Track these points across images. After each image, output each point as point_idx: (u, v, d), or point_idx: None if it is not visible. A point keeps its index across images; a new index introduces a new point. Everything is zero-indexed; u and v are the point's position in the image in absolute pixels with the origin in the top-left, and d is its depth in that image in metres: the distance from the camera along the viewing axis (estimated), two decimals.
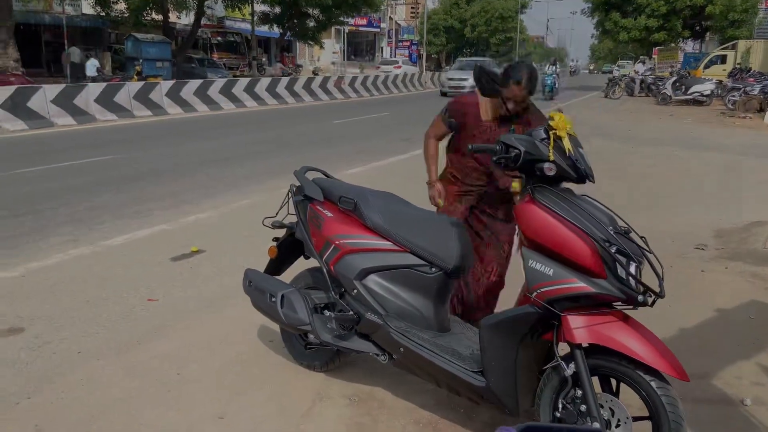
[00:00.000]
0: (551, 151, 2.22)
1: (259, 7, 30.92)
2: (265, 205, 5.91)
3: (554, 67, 26.58)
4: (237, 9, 29.91)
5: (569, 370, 2.16)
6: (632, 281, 2.05)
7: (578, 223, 2.11)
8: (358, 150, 10.31)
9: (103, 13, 25.44)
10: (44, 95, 12.93)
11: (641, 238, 2.23)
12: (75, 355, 3.18)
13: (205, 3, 27.01)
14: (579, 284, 2.07)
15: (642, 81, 27.05)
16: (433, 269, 2.58)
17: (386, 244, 2.64)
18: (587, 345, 2.16)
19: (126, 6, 24.96)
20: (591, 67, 49.01)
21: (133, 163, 8.91)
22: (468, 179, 3.11)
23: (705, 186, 7.92)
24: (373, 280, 2.65)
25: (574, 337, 2.11)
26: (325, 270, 2.76)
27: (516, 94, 2.80)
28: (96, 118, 13.82)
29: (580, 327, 2.11)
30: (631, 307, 2.10)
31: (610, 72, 40.77)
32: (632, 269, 2.05)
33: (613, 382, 2.23)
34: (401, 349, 2.51)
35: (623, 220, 2.25)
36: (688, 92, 21.62)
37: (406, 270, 2.61)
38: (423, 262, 2.59)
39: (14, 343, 3.30)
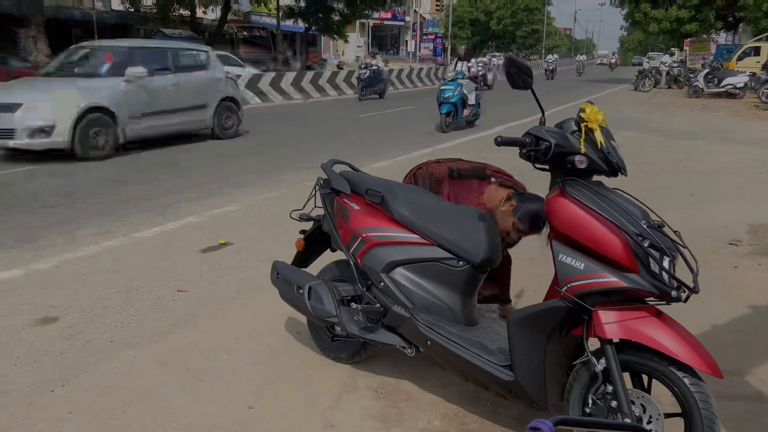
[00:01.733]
0: (582, 143, 2.18)
1: (285, 2, 31.05)
2: (290, 197, 5.97)
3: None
4: (262, 3, 30.09)
5: (600, 365, 2.13)
6: (665, 276, 2.01)
7: (610, 217, 2.08)
8: (382, 143, 10.30)
9: (132, 9, 25.81)
10: None
11: (675, 232, 2.18)
12: (108, 344, 3.25)
13: None
14: (611, 279, 2.04)
15: (668, 73, 26.55)
16: (461, 262, 2.56)
17: (413, 237, 2.64)
18: (618, 340, 2.13)
19: (154, 2, 25.29)
20: (611, 61, 47.38)
21: (158, 156, 9.04)
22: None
23: (739, 180, 7.72)
24: (400, 273, 2.65)
25: (605, 333, 2.08)
26: (352, 262, 2.77)
27: None
28: None
29: (611, 322, 2.08)
30: (664, 302, 2.06)
31: (640, 64, 40.00)
32: (665, 264, 2.01)
33: (645, 378, 2.20)
34: (428, 342, 2.51)
35: (656, 214, 2.21)
36: (721, 85, 21.13)
37: (434, 263, 2.60)
38: (450, 256, 2.57)
39: (49, 332, 3.38)
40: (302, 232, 3.20)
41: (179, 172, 7.83)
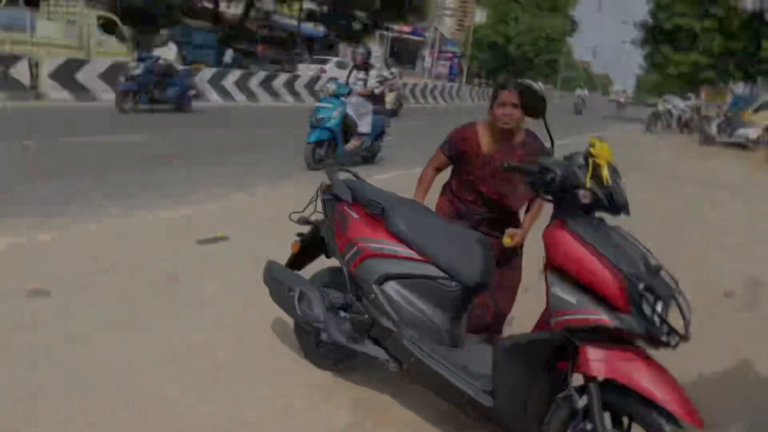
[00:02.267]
0: (588, 178, 2.18)
1: (307, 5, 31.27)
2: (292, 199, 5.94)
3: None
4: (286, 4, 30.30)
5: (581, 402, 2.12)
6: (657, 320, 2.00)
7: (608, 255, 2.07)
8: (388, 157, 10.33)
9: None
10: (93, 69, 13.26)
11: (672, 278, 2.18)
12: (95, 324, 3.23)
13: None
14: (601, 316, 2.03)
15: (679, 117, 26.60)
16: (454, 283, 2.56)
17: (409, 253, 2.63)
18: (602, 379, 2.11)
19: None
20: (620, 99, 45.90)
21: (167, 146, 9.07)
22: (467, 211, 3.11)
23: (745, 233, 7.71)
24: (392, 287, 2.64)
25: (590, 370, 2.07)
26: (345, 271, 2.76)
27: (508, 97, 2.83)
28: None
29: (597, 360, 2.06)
30: (653, 346, 2.05)
31: (654, 105, 40.17)
32: (659, 308, 2.00)
33: (625, 419, 2.18)
34: (412, 359, 2.50)
35: (655, 258, 2.20)
36: (734, 135, 21.11)
37: (426, 281, 2.59)
38: (444, 275, 2.57)
39: (38, 305, 3.36)
40: (299, 234, 3.20)
41: (189, 161, 7.85)
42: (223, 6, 29.20)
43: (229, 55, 26.95)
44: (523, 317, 3.79)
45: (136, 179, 6.63)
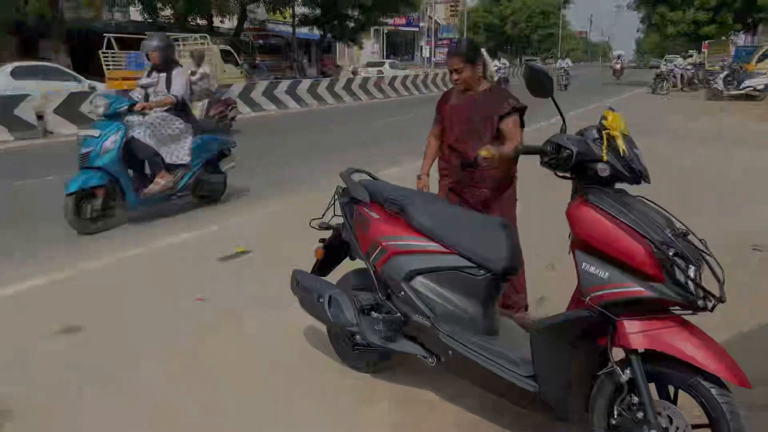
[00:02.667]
0: (605, 151, 2.16)
1: (300, 10, 31.30)
2: (308, 206, 5.96)
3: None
4: (278, 12, 30.35)
5: (625, 376, 2.10)
6: (691, 285, 1.98)
7: (634, 225, 2.05)
8: (398, 150, 10.30)
9: (151, 20, 26.18)
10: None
11: (700, 240, 2.15)
12: (128, 355, 3.27)
13: (248, 7, 27.50)
14: (636, 288, 2.01)
15: (682, 76, 26.26)
16: (482, 271, 2.55)
17: (433, 246, 2.63)
18: (643, 350, 2.10)
19: (173, 12, 25.62)
20: (616, 66, 43.80)
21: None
22: (453, 173, 3.33)
23: (764, 184, 7.60)
24: (421, 282, 2.64)
25: (630, 343, 2.05)
26: (372, 271, 2.77)
27: (450, 62, 3.19)
28: None
29: (636, 332, 2.05)
30: (690, 312, 2.03)
31: (657, 67, 39.64)
32: (691, 273, 1.98)
33: (671, 388, 2.16)
34: (450, 353, 2.50)
35: (681, 222, 2.18)
36: (741, 87, 20.83)
37: (454, 272, 2.59)
38: (471, 264, 2.56)
39: (69, 343, 3.41)
40: (321, 240, 3.21)
41: None
42: (216, 21, 29.33)
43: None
44: (553, 297, 3.79)
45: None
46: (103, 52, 17.53)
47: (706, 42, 33.50)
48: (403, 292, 2.65)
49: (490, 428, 2.63)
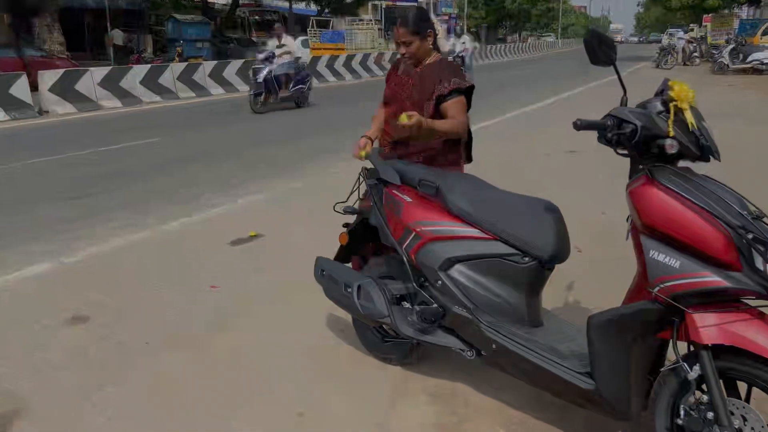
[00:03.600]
0: (671, 125, 1.95)
1: None
2: (319, 187, 5.77)
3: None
4: None
5: (693, 372, 1.92)
6: None
7: (708, 207, 1.85)
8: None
9: None
10: (91, 78, 13.05)
11: None
12: (143, 345, 3.09)
13: None
14: (713, 278, 1.81)
15: (684, 50, 25.88)
16: (526, 258, 2.35)
17: (473, 232, 2.42)
18: (711, 345, 1.91)
19: None
20: (617, 38, 42.04)
21: (181, 146, 8.89)
22: (390, 129, 3.05)
23: None
24: (459, 271, 2.44)
25: (701, 337, 1.86)
26: (405, 259, 2.57)
27: (398, 34, 2.90)
28: (141, 100, 13.91)
29: (709, 325, 1.86)
30: None
31: (659, 41, 39.09)
32: None
33: (742, 385, 1.98)
34: (494, 346, 2.31)
35: (753, 204, 1.98)
36: (747, 60, 20.53)
37: (496, 260, 2.39)
38: (514, 251, 2.36)
39: (81, 332, 3.23)
40: (345, 225, 3.01)
41: (205, 158, 7.67)
42: None
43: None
44: (583, 281, 3.62)
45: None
46: (311, 30, 28.22)
47: (708, 15, 33.02)
48: (440, 282, 2.45)
49: (537, 424, 2.46)
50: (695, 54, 25.94)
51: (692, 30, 31.66)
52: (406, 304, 2.67)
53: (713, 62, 21.90)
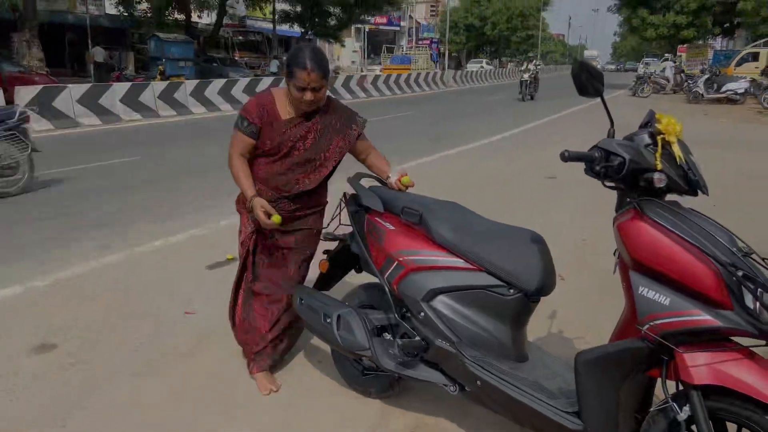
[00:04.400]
0: (659, 159, 1.92)
1: (281, 6, 30.82)
2: None
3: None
4: (258, 8, 29.83)
5: (683, 413, 1.86)
6: (765, 313, 1.74)
7: (696, 242, 1.81)
8: (386, 151, 10.02)
9: (126, 13, 25.48)
10: (70, 95, 12.88)
11: (764, 260, 1.92)
12: (111, 374, 2.95)
13: (227, 2, 26.97)
14: (703, 317, 1.77)
15: (674, 78, 26.30)
16: (512, 290, 2.29)
17: (457, 262, 2.36)
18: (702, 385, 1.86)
19: (149, 6, 24.96)
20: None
21: (160, 164, 8.75)
22: (280, 184, 2.71)
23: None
24: (443, 302, 2.37)
25: (692, 377, 1.81)
26: (387, 289, 2.49)
27: (308, 79, 2.49)
28: (121, 117, 13.75)
29: (699, 365, 1.81)
30: (763, 343, 1.79)
31: (635, 70, 39.93)
32: (765, 298, 1.75)
33: (731, 426, 1.93)
34: (478, 382, 2.23)
35: (742, 240, 1.94)
36: (721, 90, 21.01)
37: (481, 291, 2.32)
38: (500, 283, 2.30)
39: (47, 361, 3.08)
40: (326, 252, 2.93)
41: (185, 178, 7.54)
42: (195, 16, 28.68)
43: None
44: (566, 310, 3.57)
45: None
46: (387, 50, 32.17)
47: (683, 46, 33.89)
48: (423, 314, 2.38)
49: None
50: (688, 82, 26.11)
51: (667, 59, 32.37)
52: (388, 336, 2.59)
53: (688, 92, 22.37)
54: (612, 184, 2.03)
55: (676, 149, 1.95)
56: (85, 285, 4.10)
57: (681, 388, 1.90)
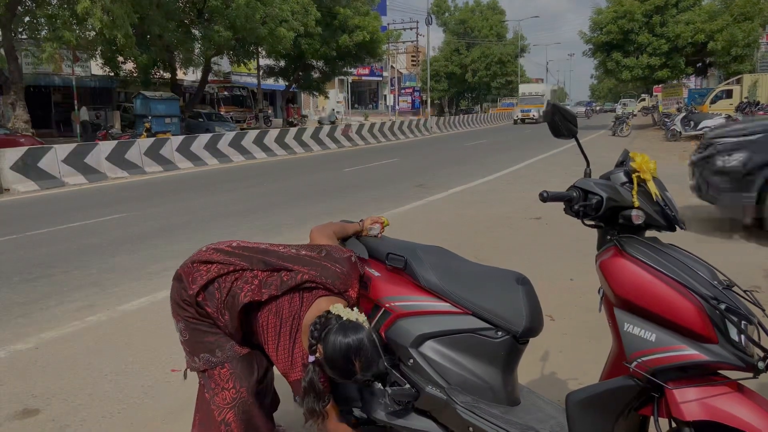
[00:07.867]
0: (635, 196, 1.96)
1: (264, 61, 31.47)
2: None
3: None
4: (243, 64, 30.42)
5: None
6: (750, 345, 1.75)
7: (677, 278, 1.83)
8: (372, 198, 10.09)
9: (112, 74, 25.85)
10: (55, 155, 12.92)
11: (745, 292, 1.94)
12: None
13: (212, 59, 27.48)
14: (690, 351, 1.77)
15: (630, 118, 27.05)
16: (500, 333, 2.28)
17: (444, 306, 2.35)
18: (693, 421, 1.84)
19: (134, 65, 25.38)
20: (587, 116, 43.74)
21: (146, 220, 8.72)
22: None
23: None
24: (432, 348, 2.35)
25: (683, 414, 1.79)
26: (375, 336, 2.46)
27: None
28: (107, 176, 13.78)
29: (690, 401, 1.79)
30: (750, 375, 1.79)
31: (613, 111, 40.83)
32: (750, 331, 1.76)
33: None
34: (470, 429, 2.19)
35: (723, 273, 1.97)
36: (698, 127, 21.51)
37: (469, 335, 2.31)
38: (487, 325, 2.29)
39: (29, 427, 2.99)
40: None
41: (169, 234, 7.51)
42: (180, 74, 29.17)
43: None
44: (553, 349, 3.54)
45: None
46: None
47: (659, 86, 34.87)
48: (412, 360, 2.35)
49: None
50: (665, 120, 26.71)
51: (644, 100, 33.28)
52: (378, 385, 2.55)
53: (666, 130, 22.90)
54: (592, 223, 2.06)
55: (652, 186, 1.99)
56: (68, 347, 4.02)
57: (674, 425, 1.88)
